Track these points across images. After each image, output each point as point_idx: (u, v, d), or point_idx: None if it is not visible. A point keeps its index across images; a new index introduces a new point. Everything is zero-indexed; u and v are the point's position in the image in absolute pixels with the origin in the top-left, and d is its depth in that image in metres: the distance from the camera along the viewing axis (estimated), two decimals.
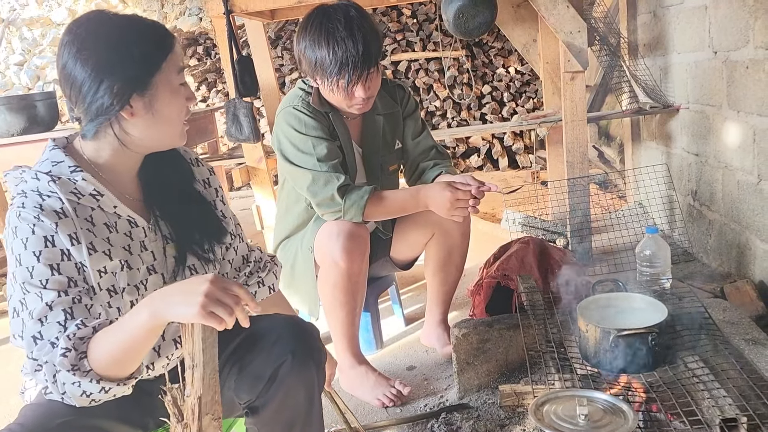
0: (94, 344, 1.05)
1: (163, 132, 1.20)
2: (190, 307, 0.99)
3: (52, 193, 1.13)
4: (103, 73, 1.11)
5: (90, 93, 1.12)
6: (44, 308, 1.07)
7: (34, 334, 1.07)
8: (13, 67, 5.79)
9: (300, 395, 1.30)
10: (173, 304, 1.01)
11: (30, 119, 2.94)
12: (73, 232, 1.12)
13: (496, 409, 1.83)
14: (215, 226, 1.36)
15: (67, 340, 1.04)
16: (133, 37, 1.14)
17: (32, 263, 1.09)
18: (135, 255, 1.22)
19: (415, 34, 5.05)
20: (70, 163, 1.16)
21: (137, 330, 1.03)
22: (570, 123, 2.81)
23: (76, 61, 1.11)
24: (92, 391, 1.05)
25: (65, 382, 1.04)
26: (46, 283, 1.08)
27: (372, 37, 1.83)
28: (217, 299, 0.99)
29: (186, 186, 1.34)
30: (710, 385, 1.42)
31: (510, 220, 3.25)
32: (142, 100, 1.15)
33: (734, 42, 2.29)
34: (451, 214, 1.90)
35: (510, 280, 2.14)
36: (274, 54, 5.04)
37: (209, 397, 1.06)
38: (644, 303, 1.66)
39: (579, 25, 2.69)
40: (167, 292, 1.04)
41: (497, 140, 5.13)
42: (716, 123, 2.51)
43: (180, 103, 1.20)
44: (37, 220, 1.09)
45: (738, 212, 2.39)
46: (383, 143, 2.14)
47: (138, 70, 1.13)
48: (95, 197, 1.17)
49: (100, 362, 1.05)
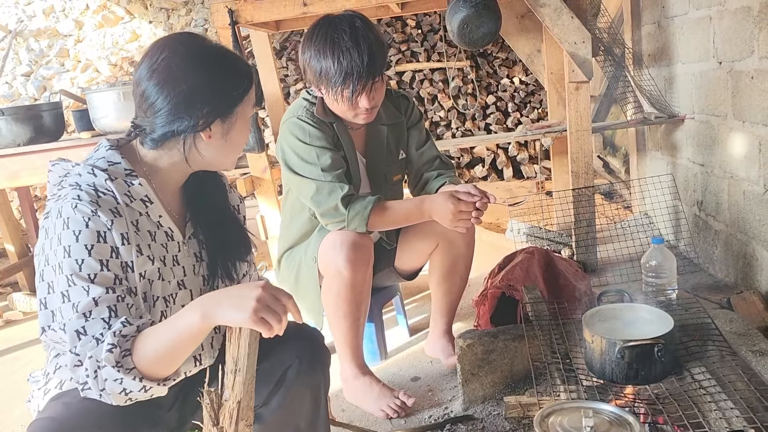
0: (139, 342, 1.06)
1: (227, 157, 1.27)
2: (242, 311, 1.02)
3: (108, 190, 1.15)
4: (194, 97, 1.16)
5: (173, 112, 1.16)
6: (90, 303, 1.08)
7: (77, 329, 1.07)
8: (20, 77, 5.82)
9: (306, 400, 1.31)
10: (225, 307, 1.03)
11: (36, 129, 2.95)
12: (125, 232, 1.14)
13: (501, 420, 1.82)
14: (245, 245, 1.41)
15: (113, 336, 1.05)
16: (226, 68, 1.21)
17: (83, 256, 1.09)
18: (168, 267, 1.24)
19: (419, 44, 5.06)
20: (126, 166, 1.20)
21: (186, 330, 1.05)
22: (575, 133, 2.81)
23: (166, 81, 1.16)
24: (132, 389, 1.06)
25: (107, 378, 1.04)
26: (95, 278, 1.09)
27: (377, 48, 1.84)
28: (267, 306, 1.03)
29: (222, 206, 1.39)
30: (717, 396, 1.41)
31: (515, 231, 3.25)
32: (221, 126, 1.22)
33: (739, 52, 2.29)
34: (454, 225, 1.90)
35: (515, 290, 2.13)
36: (279, 65, 5.06)
37: (246, 403, 1.07)
38: (650, 314, 1.65)
39: (583, 35, 2.69)
40: (219, 296, 1.07)
41: (502, 150, 5.12)
42: (721, 133, 2.50)
43: (247, 133, 1.28)
44: (93, 214, 1.11)
45: (744, 222, 2.38)
46: (387, 153, 2.14)
47: (227, 99, 1.20)
48: (145, 203, 1.20)
49: (144, 360, 1.05)
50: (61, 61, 5.91)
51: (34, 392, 1.27)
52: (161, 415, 1.32)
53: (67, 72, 5.78)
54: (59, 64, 5.88)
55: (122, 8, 5.96)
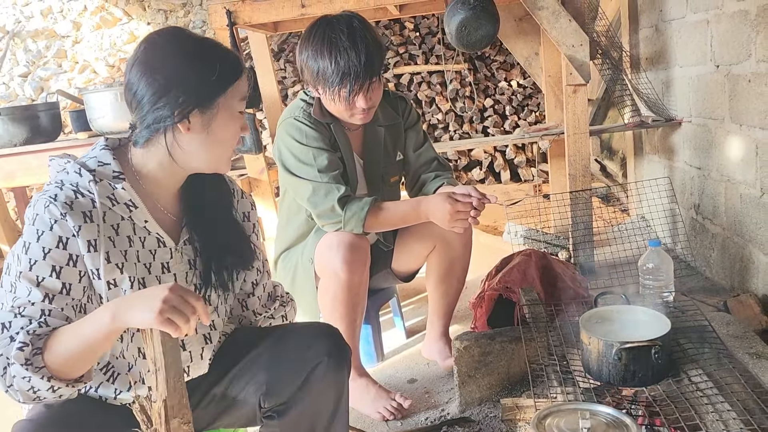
0: (51, 340, 1.06)
1: (212, 154, 1.22)
2: (148, 312, 1.01)
3: (89, 192, 1.14)
4: (170, 85, 1.14)
5: (152, 102, 1.15)
6: (26, 303, 1.09)
7: (4, 322, 1.08)
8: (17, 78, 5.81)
9: (330, 397, 1.31)
10: (133, 309, 1.03)
11: (33, 130, 2.94)
12: (93, 239, 1.13)
13: (498, 422, 1.81)
14: (246, 255, 1.37)
15: (26, 335, 1.05)
16: (207, 57, 1.18)
17: (37, 257, 1.10)
18: (153, 275, 1.22)
19: (417, 47, 5.06)
20: (115, 167, 1.18)
21: (96, 332, 1.04)
22: (572, 136, 2.81)
23: (146, 70, 1.15)
24: (40, 388, 1.06)
25: (15, 375, 1.04)
26: (41, 282, 1.09)
27: (374, 48, 1.83)
28: (174, 307, 1.02)
29: (224, 213, 1.35)
30: (714, 399, 1.41)
31: (512, 233, 3.24)
32: (201, 118, 1.18)
33: (736, 56, 2.30)
34: (451, 226, 1.90)
35: (512, 292, 2.13)
36: (277, 66, 5.06)
37: (176, 401, 1.06)
38: (647, 316, 1.64)
39: (581, 38, 2.70)
40: (129, 298, 1.06)
41: (499, 153, 5.12)
42: (719, 136, 2.51)
43: (235, 130, 1.23)
44: (62, 218, 1.10)
45: (741, 226, 2.38)
46: (385, 155, 2.14)
47: (205, 88, 1.17)
48: (129, 207, 1.18)
49: (54, 359, 1.05)
50: (59, 62, 5.90)
51: None
52: None
53: (65, 73, 5.77)
54: (57, 65, 5.87)
55: (120, 9, 5.95)
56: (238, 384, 1.34)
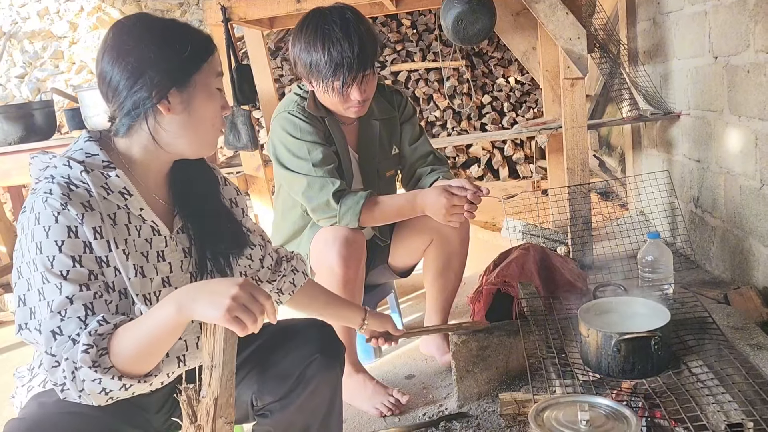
0: (116, 340, 1.02)
1: (196, 134, 1.20)
2: (216, 309, 0.98)
3: (83, 183, 1.12)
4: (144, 66, 1.12)
5: (128, 87, 1.13)
6: (64, 301, 1.04)
7: (53, 329, 1.03)
8: (14, 79, 5.80)
9: (324, 395, 1.29)
10: (200, 303, 0.99)
11: (27, 128, 2.92)
12: (98, 226, 1.11)
13: (496, 417, 1.79)
14: (240, 240, 1.37)
15: (88, 336, 1.01)
16: (176, 35, 1.16)
17: (53, 252, 1.06)
18: (150, 264, 1.20)
19: (414, 44, 5.05)
20: (104, 157, 1.16)
21: (162, 325, 1.01)
22: (570, 130, 2.79)
23: (117, 55, 1.13)
24: (112, 388, 1.02)
25: (85, 379, 1.00)
26: (67, 275, 1.05)
27: (368, 39, 1.81)
28: (243, 305, 0.99)
29: (213, 198, 1.34)
30: (715, 390, 1.39)
31: (510, 229, 3.22)
32: (180, 96, 1.16)
33: (734, 47, 2.28)
34: (447, 220, 1.88)
35: (510, 286, 2.11)
36: (274, 65, 5.05)
37: (224, 400, 1.04)
38: (646, 307, 1.62)
39: (578, 31, 2.68)
40: (195, 289, 1.02)
41: (498, 150, 5.11)
42: (717, 129, 2.49)
43: (215, 107, 1.21)
44: (63, 208, 1.07)
45: (741, 218, 2.36)
46: (380, 149, 2.11)
47: (179, 65, 1.15)
48: (124, 195, 1.16)
49: (121, 358, 1.02)
50: (56, 63, 5.88)
51: (18, 389, 1.24)
52: (148, 418, 1.28)
53: (62, 74, 5.76)
54: (53, 66, 5.86)
55: (117, 10, 5.93)
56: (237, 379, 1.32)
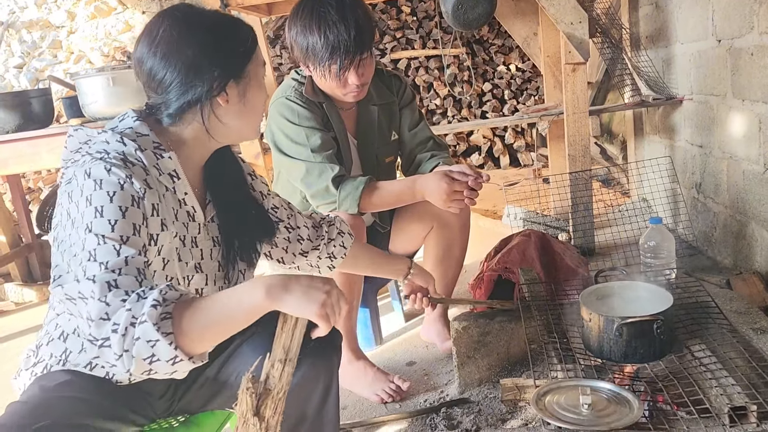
0: (187, 311, 0.97)
1: (249, 122, 1.24)
2: (312, 303, 1.00)
3: (138, 160, 1.11)
4: (203, 59, 1.13)
5: (185, 81, 1.13)
6: (121, 261, 1.00)
7: (109, 281, 0.98)
8: (12, 69, 5.77)
9: (320, 382, 1.29)
10: (294, 295, 1.00)
11: (25, 116, 2.90)
12: (156, 203, 1.11)
13: (498, 403, 1.78)
14: (267, 226, 1.40)
15: (159, 293, 0.96)
16: (228, 28, 1.19)
17: (116, 217, 1.03)
18: (186, 248, 1.20)
19: (414, 31, 5.01)
20: (154, 138, 1.16)
21: (244, 308, 1.00)
22: (571, 115, 2.77)
23: (170, 49, 1.13)
24: (161, 357, 0.95)
25: (140, 337, 0.93)
26: (127, 240, 1.03)
27: (365, 22, 1.79)
28: (332, 304, 1.02)
29: (243, 187, 1.36)
30: (718, 373, 1.38)
31: (511, 216, 3.21)
32: (237, 88, 1.18)
33: (738, 29, 2.25)
34: (447, 206, 1.86)
35: (511, 272, 2.10)
36: (273, 53, 5.02)
37: (283, 393, 1.04)
38: (648, 292, 1.61)
39: (580, 15, 2.65)
40: (287, 280, 1.02)
41: (498, 138, 5.09)
42: (721, 113, 2.46)
43: (264, 95, 1.25)
44: (128, 179, 1.07)
45: (743, 203, 2.34)
46: (379, 134, 2.09)
47: (237, 58, 1.18)
48: (173, 178, 1.16)
49: (186, 330, 0.96)
50: (54, 52, 5.85)
51: (22, 372, 1.23)
52: (151, 402, 1.27)
53: (60, 63, 5.72)
54: (52, 56, 5.82)
55: None
56: (229, 368, 1.32)
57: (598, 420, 1.25)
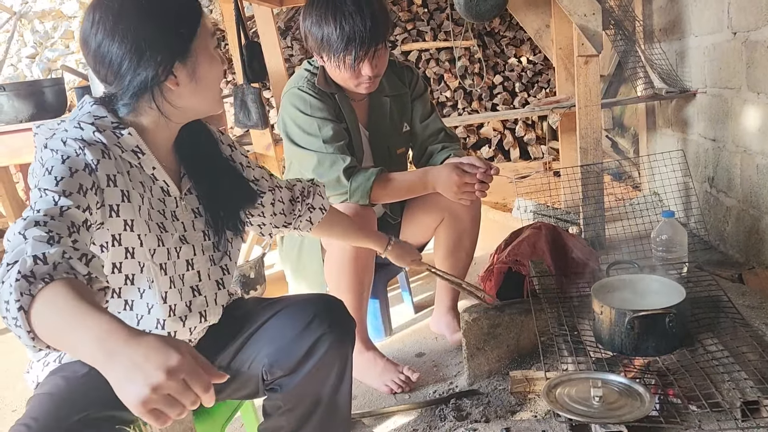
0: (49, 292, 0.84)
1: (205, 99, 1.20)
2: (129, 394, 0.76)
3: (97, 141, 1.09)
4: (143, 46, 1.09)
5: (131, 68, 1.10)
6: (56, 210, 0.95)
7: (37, 220, 0.92)
8: (24, 59, 5.80)
9: (333, 370, 1.28)
10: (115, 373, 0.78)
11: (38, 106, 2.91)
12: (112, 174, 1.08)
13: (507, 395, 1.78)
14: (247, 194, 1.37)
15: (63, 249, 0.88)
16: (166, 5, 1.13)
17: (64, 175, 1.01)
18: (169, 221, 1.21)
19: (425, 23, 4.99)
20: (113, 119, 1.14)
21: (72, 341, 0.82)
22: (583, 108, 2.75)
23: (113, 38, 1.09)
24: (10, 310, 0.84)
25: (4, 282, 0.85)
26: (69, 195, 1.00)
27: (380, 13, 1.78)
28: (167, 396, 0.77)
29: (217, 157, 1.34)
30: (730, 367, 1.37)
31: (521, 209, 3.20)
32: (184, 69, 1.14)
33: (755, 21, 2.23)
34: (458, 197, 1.86)
35: (521, 265, 2.09)
36: (284, 44, 5.01)
37: None
38: (661, 285, 1.60)
39: (593, 7, 2.63)
40: (116, 347, 0.79)
41: (509, 131, 5.06)
42: (735, 106, 2.44)
43: (218, 68, 1.19)
44: (81, 151, 1.05)
45: (757, 197, 2.33)
46: (391, 126, 2.09)
47: (178, 38, 1.12)
48: (137, 154, 1.15)
49: (36, 317, 0.84)
50: (66, 42, 5.87)
51: (33, 363, 1.24)
52: None
53: (72, 54, 5.75)
54: (64, 46, 5.85)
55: None
56: (242, 357, 1.32)
57: (609, 413, 1.25)
